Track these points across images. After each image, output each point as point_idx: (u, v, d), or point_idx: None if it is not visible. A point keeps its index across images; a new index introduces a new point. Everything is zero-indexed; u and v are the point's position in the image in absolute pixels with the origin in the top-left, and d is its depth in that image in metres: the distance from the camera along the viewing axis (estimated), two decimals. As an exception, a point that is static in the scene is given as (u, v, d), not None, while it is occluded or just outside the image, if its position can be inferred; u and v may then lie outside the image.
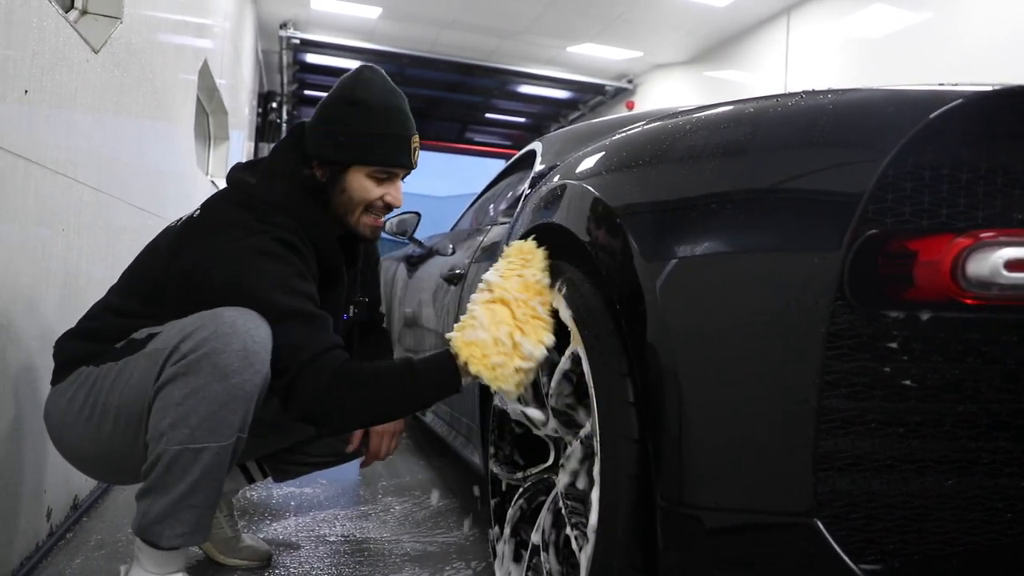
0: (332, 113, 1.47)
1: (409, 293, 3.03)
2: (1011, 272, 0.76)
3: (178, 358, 1.24)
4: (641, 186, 1.09)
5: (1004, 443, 0.80)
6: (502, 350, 1.21)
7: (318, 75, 10.44)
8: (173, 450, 1.22)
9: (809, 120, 0.92)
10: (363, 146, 1.44)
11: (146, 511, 1.25)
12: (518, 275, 1.26)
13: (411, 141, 1.48)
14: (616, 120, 2.17)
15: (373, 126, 1.44)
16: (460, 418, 2.06)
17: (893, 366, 0.80)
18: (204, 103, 4.96)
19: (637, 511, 0.98)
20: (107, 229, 2.14)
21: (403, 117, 1.48)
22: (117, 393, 1.30)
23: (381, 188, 1.48)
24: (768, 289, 0.85)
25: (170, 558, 1.30)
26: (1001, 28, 4.78)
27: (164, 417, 1.23)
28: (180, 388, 1.22)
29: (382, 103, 1.45)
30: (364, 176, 1.47)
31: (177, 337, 1.26)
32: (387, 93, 1.47)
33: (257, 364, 1.24)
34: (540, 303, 1.24)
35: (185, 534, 1.26)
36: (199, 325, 1.25)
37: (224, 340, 1.22)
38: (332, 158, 1.45)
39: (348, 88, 1.47)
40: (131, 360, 1.31)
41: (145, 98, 2.56)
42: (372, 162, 1.45)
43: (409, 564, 1.76)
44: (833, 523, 0.79)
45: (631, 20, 7.78)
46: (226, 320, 1.25)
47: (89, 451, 1.36)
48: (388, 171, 1.48)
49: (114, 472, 1.43)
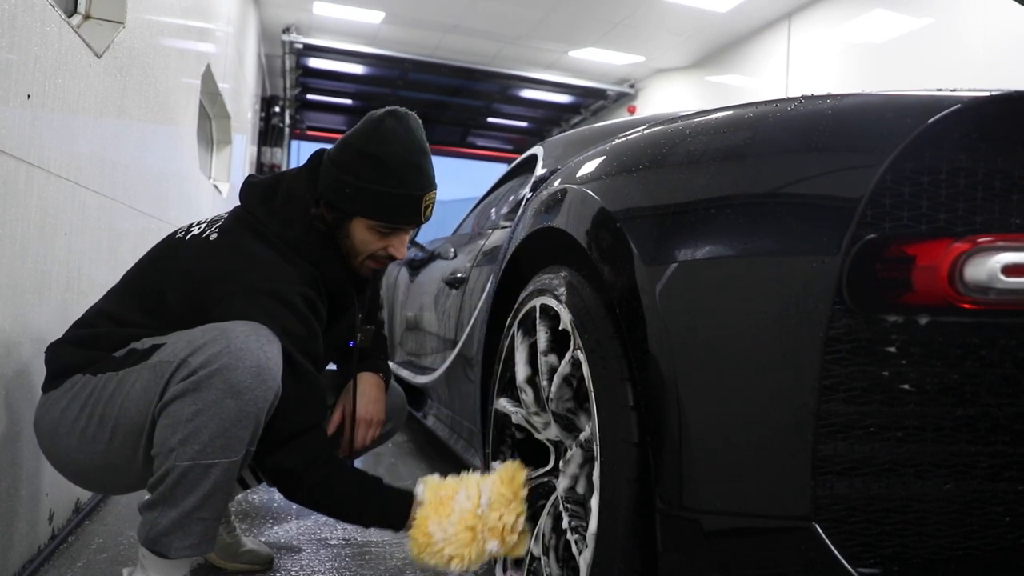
0: (345, 159, 1.42)
1: (411, 297, 3.03)
2: (1009, 277, 0.76)
3: (187, 373, 1.22)
4: (641, 190, 1.09)
5: (1002, 447, 0.80)
6: (436, 555, 1.30)
7: (321, 79, 10.46)
8: (183, 466, 1.21)
9: (808, 125, 0.92)
10: (368, 201, 1.42)
11: (154, 523, 1.24)
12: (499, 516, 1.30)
13: (423, 200, 1.45)
14: (617, 124, 2.18)
15: (383, 183, 1.40)
16: (461, 421, 2.07)
17: (891, 370, 0.80)
18: (207, 107, 4.98)
19: (637, 514, 0.99)
20: (109, 233, 2.15)
21: (417, 175, 1.43)
22: (116, 405, 1.27)
23: (384, 241, 1.47)
24: (767, 293, 0.86)
25: (176, 565, 1.30)
26: (1001, 34, 4.78)
27: (173, 432, 1.21)
28: (190, 404, 1.21)
29: (397, 160, 1.40)
30: (367, 228, 1.45)
31: (185, 351, 1.24)
32: (405, 149, 1.42)
33: (269, 381, 1.24)
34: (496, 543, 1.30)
35: (193, 545, 1.26)
36: (209, 339, 1.24)
37: (237, 356, 1.21)
38: (337, 205, 1.43)
39: (367, 136, 1.42)
40: (133, 371, 1.28)
41: (148, 102, 2.57)
42: (375, 218, 1.44)
43: (410, 567, 1.76)
44: (832, 527, 0.80)
45: (633, 25, 7.80)
46: (238, 335, 1.23)
47: (82, 462, 1.32)
48: (393, 227, 1.46)
49: (106, 484, 1.41)
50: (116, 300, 1.44)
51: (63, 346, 1.38)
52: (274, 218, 1.44)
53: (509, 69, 9.47)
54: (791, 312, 0.83)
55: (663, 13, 7.43)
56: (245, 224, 1.44)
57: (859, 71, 6.14)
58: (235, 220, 1.46)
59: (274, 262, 1.39)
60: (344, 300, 1.54)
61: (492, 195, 3.00)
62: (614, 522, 1.00)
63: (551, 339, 1.31)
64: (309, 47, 8.85)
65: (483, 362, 1.74)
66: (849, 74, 6.23)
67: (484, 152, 13.48)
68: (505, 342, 1.49)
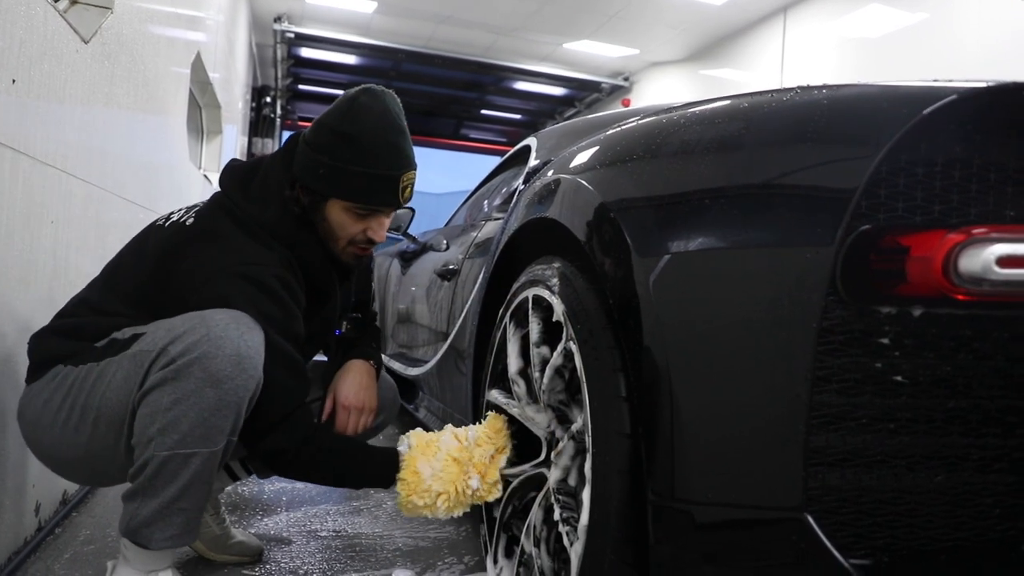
0: (319, 139, 1.39)
1: (403, 289, 3.02)
2: (1003, 268, 0.76)
3: (166, 361, 1.20)
4: (635, 181, 1.08)
5: (994, 439, 0.80)
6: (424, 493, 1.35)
7: (312, 69, 10.40)
8: (162, 455, 1.19)
9: (803, 116, 0.92)
10: (342, 182, 1.38)
11: (134, 514, 1.23)
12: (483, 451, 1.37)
13: (399, 180, 1.40)
14: (611, 116, 2.17)
15: (357, 163, 1.36)
16: (453, 413, 2.06)
17: (884, 362, 0.80)
18: (197, 96, 4.94)
19: (628, 506, 0.98)
20: (97, 222, 2.13)
21: (394, 154, 1.38)
22: (98, 395, 1.25)
23: (362, 223, 1.44)
24: (761, 284, 0.85)
25: (158, 556, 1.28)
26: (996, 29, 4.79)
27: (152, 422, 1.20)
28: (169, 393, 1.19)
29: (372, 139, 1.36)
30: (342, 210, 1.41)
31: (165, 339, 1.22)
32: (381, 127, 1.37)
33: (250, 369, 1.22)
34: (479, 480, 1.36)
35: (174, 536, 1.24)
36: (188, 328, 1.22)
37: (216, 344, 1.20)
38: (311, 186, 1.40)
39: (340, 114, 1.38)
40: (113, 361, 1.26)
41: (136, 90, 2.55)
42: (350, 199, 1.40)
43: (401, 559, 1.75)
44: (823, 518, 0.79)
45: (628, 17, 7.78)
46: (218, 323, 1.22)
47: (66, 454, 1.30)
48: (369, 209, 1.43)
49: (91, 475, 1.39)
50: (97, 290, 1.42)
51: (45, 337, 1.36)
52: (251, 202, 1.42)
53: (503, 61, 9.44)
54: (784, 303, 0.82)
55: (658, 6, 7.41)
56: (222, 208, 1.42)
57: (854, 66, 6.15)
58: (212, 205, 1.44)
59: (248, 246, 1.36)
60: (326, 287, 1.51)
61: (485, 187, 2.99)
62: (606, 514, 1.00)
63: (544, 330, 1.30)
64: (301, 36, 8.81)
65: (475, 354, 1.73)
66: (844, 69, 6.23)
67: (478, 144, 13.46)
68: (497, 334, 1.49)
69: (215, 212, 1.42)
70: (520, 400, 1.36)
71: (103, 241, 2.17)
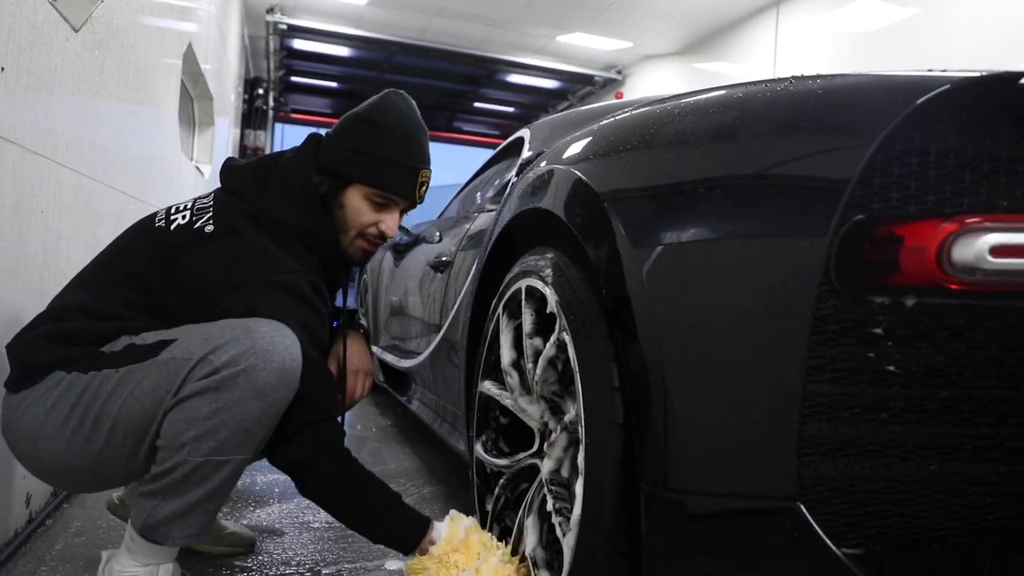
0: (348, 128, 1.46)
1: (395, 281, 3.01)
2: (996, 258, 0.76)
3: (209, 371, 1.18)
4: (628, 171, 1.08)
5: (986, 429, 0.80)
6: None
7: (305, 61, 10.35)
8: (196, 460, 1.19)
9: (797, 105, 0.92)
10: (367, 166, 1.44)
11: (153, 511, 1.21)
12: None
13: (419, 175, 1.47)
14: (604, 107, 2.16)
15: (383, 150, 1.43)
16: (446, 405, 2.06)
17: (878, 351, 0.80)
18: (189, 88, 4.91)
19: (621, 496, 0.98)
20: (88, 213, 2.11)
21: (417, 149, 1.47)
22: (118, 402, 1.21)
23: (376, 214, 1.47)
24: (754, 274, 0.85)
25: (165, 550, 1.27)
26: (987, 24, 4.80)
27: (188, 428, 1.18)
28: (209, 402, 1.18)
29: (399, 130, 1.45)
30: (362, 197, 1.45)
31: (204, 348, 1.20)
32: (408, 122, 1.47)
33: (292, 382, 1.23)
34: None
35: (192, 535, 1.24)
36: (231, 338, 1.20)
37: (263, 358, 1.19)
38: (336, 170, 1.44)
39: (371, 107, 1.47)
40: (139, 368, 1.22)
41: (127, 80, 2.53)
42: (371, 183, 1.44)
43: (393, 552, 1.75)
44: (816, 507, 0.79)
45: (621, 10, 7.77)
46: (263, 335, 1.21)
47: (71, 463, 1.24)
48: (387, 197, 1.46)
49: (92, 483, 1.34)
50: (90, 292, 1.34)
51: (35, 342, 1.28)
52: (269, 203, 1.42)
53: (497, 53, 9.42)
54: (778, 293, 0.82)
55: (651, -1, 7.40)
56: (240, 211, 1.40)
57: (847, 60, 6.16)
58: (229, 208, 1.41)
59: (279, 252, 1.37)
60: (336, 284, 1.53)
61: (478, 179, 2.98)
62: (599, 503, 1.00)
63: (537, 321, 1.30)
64: (293, 28, 8.76)
65: (468, 346, 1.73)
66: (837, 63, 6.24)
67: (471, 137, 13.43)
68: (490, 325, 1.48)
69: (235, 216, 1.39)
70: (513, 391, 1.36)
71: (94, 232, 2.16)
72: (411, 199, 1.49)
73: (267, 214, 1.41)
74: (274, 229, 1.40)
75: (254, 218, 1.40)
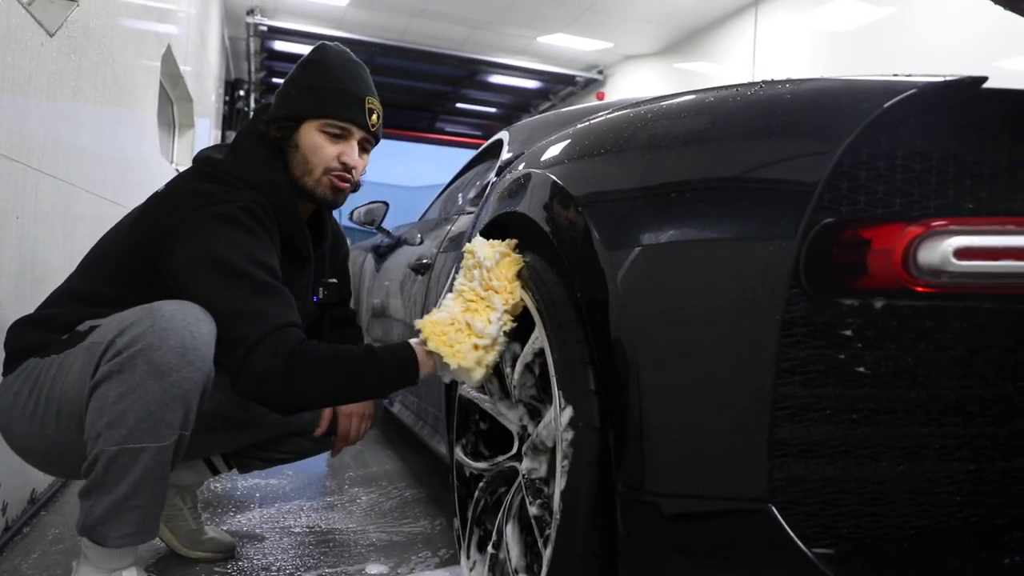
0: (289, 76, 1.51)
1: (377, 283, 3.01)
2: (961, 260, 0.77)
3: (113, 354, 1.19)
4: (602, 175, 1.09)
5: (954, 428, 0.82)
6: (458, 327, 1.22)
7: (286, 63, 10.27)
8: (111, 450, 1.18)
9: (767, 109, 0.93)
10: (312, 99, 1.45)
11: (89, 511, 1.21)
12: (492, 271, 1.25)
13: (365, 101, 1.48)
14: (584, 109, 2.17)
15: (325, 81, 1.46)
16: (427, 408, 2.06)
17: (847, 353, 0.81)
18: (168, 90, 4.87)
19: (598, 499, 0.99)
20: (65, 217, 2.10)
21: (358, 78, 1.49)
22: (58, 388, 1.26)
23: (336, 146, 1.46)
24: (725, 277, 0.86)
25: (119, 554, 1.26)
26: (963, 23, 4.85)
27: (101, 416, 1.18)
28: (115, 386, 1.18)
29: (338, 63, 1.48)
30: (316, 131, 1.45)
31: (114, 331, 1.21)
32: (345, 59, 1.50)
33: (197, 361, 1.20)
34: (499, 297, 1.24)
35: (130, 534, 1.23)
36: (135, 319, 1.21)
37: (160, 336, 1.18)
38: (284, 113, 1.46)
39: (308, 54, 1.52)
40: (71, 353, 1.26)
41: (105, 84, 2.51)
42: (321, 114, 1.45)
43: (375, 554, 1.75)
44: (787, 508, 0.80)
45: (601, 11, 7.79)
46: (163, 315, 1.20)
47: (37, 446, 1.32)
48: (340, 126, 1.46)
49: (63, 467, 1.38)
50: (79, 278, 1.42)
51: (20, 328, 1.37)
52: (221, 157, 1.45)
53: (478, 54, 9.40)
54: (749, 296, 0.83)
55: (631, -1, 7.43)
56: (190, 171, 1.45)
57: (825, 59, 6.20)
58: (183, 171, 1.48)
59: (213, 190, 1.35)
60: (299, 244, 1.49)
61: (459, 180, 2.98)
62: (575, 506, 1.00)
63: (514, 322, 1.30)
64: (274, 29, 8.70)
65: (448, 348, 1.72)
66: (815, 62, 6.29)
67: (452, 138, 13.39)
68: (469, 328, 1.48)
69: (184, 176, 1.44)
70: (492, 395, 1.36)
71: (72, 237, 2.14)
72: (363, 125, 1.47)
73: (213, 165, 1.43)
74: (215, 174, 1.40)
75: (199, 172, 1.43)
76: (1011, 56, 4.54)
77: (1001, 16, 1.47)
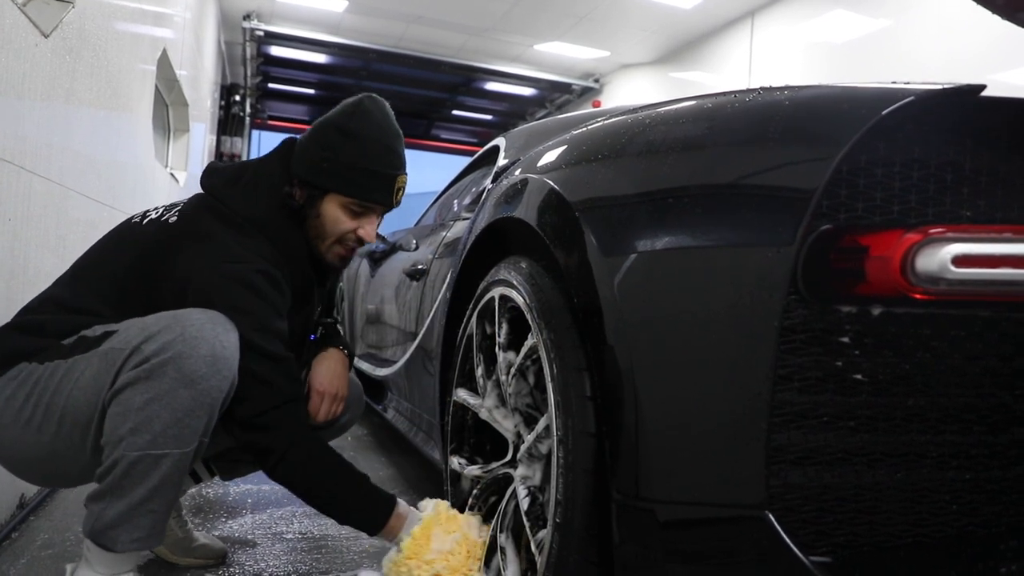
0: (323, 138, 1.45)
1: (372, 289, 3.00)
2: (958, 268, 0.77)
3: (140, 360, 1.19)
4: (600, 181, 1.08)
5: (952, 436, 0.81)
6: (426, 566, 1.27)
7: (282, 68, 10.29)
8: (133, 455, 1.17)
9: (765, 116, 0.93)
10: (343, 177, 1.43)
11: (100, 515, 1.20)
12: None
13: (395, 181, 1.47)
14: (581, 115, 2.17)
15: (358, 160, 1.42)
16: (421, 414, 2.05)
17: (845, 360, 0.81)
18: (163, 94, 4.86)
19: (593, 505, 0.98)
20: (59, 220, 2.08)
21: (393, 156, 1.46)
22: (64, 393, 1.23)
23: (355, 221, 1.47)
24: (723, 284, 0.86)
25: (122, 559, 1.25)
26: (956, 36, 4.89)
27: (124, 421, 1.18)
28: (142, 392, 1.18)
29: (375, 139, 1.44)
30: (339, 206, 1.45)
31: (138, 337, 1.21)
32: (382, 130, 1.46)
33: (225, 370, 1.21)
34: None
35: (140, 539, 1.22)
36: (163, 327, 1.21)
37: (191, 344, 1.19)
38: (312, 181, 1.44)
39: (345, 115, 1.46)
40: (82, 359, 1.24)
41: (99, 86, 2.50)
42: (349, 194, 1.44)
43: (367, 560, 1.74)
44: (785, 516, 0.80)
45: (598, 19, 7.82)
46: (193, 323, 1.21)
47: (27, 453, 1.27)
48: (365, 206, 1.46)
49: (51, 476, 1.36)
50: (66, 286, 1.39)
51: (6, 334, 1.33)
52: (238, 199, 1.42)
53: (474, 61, 9.43)
54: (746, 302, 0.83)
55: (628, 8, 7.45)
56: (206, 206, 1.42)
57: (820, 70, 6.24)
58: (196, 203, 1.44)
59: (233, 242, 1.35)
60: (306, 290, 1.51)
61: (455, 186, 2.98)
62: (571, 513, 0.99)
63: (510, 330, 1.30)
64: (270, 35, 8.71)
65: (442, 354, 1.72)
66: (810, 73, 6.32)
67: (448, 145, 13.42)
68: (464, 334, 1.48)
69: (199, 210, 1.41)
70: (487, 400, 1.36)
71: (64, 239, 2.13)
72: (388, 205, 1.50)
73: (230, 206, 1.41)
74: (237, 221, 1.39)
75: (216, 210, 1.41)
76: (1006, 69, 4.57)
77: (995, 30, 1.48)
